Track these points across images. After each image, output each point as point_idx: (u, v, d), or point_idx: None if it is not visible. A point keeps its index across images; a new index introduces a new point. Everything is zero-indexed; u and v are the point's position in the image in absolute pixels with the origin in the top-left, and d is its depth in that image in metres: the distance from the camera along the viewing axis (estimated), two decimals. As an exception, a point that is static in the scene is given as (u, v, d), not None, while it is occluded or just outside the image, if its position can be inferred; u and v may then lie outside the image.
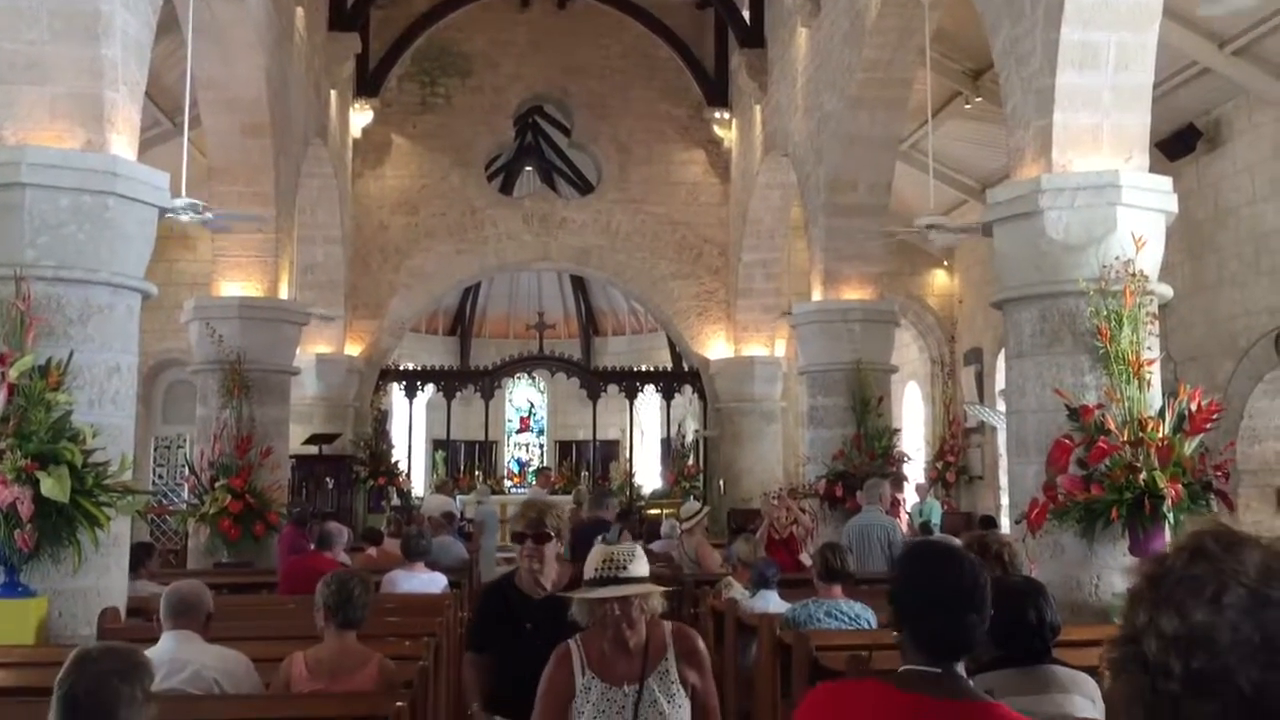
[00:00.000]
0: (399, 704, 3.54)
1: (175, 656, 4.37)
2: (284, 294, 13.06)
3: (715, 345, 19.63)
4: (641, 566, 3.62)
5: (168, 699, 3.91)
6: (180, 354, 15.30)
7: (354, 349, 18.66)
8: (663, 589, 3.70)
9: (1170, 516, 6.85)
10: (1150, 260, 7.34)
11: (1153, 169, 7.74)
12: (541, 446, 28.94)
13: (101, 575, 6.85)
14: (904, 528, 12.60)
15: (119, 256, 7.01)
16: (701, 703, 3.72)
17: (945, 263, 19.65)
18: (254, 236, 12.64)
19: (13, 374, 6.40)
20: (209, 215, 9.50)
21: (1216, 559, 1.41)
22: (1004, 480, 15.75)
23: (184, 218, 9.34)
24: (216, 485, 11.54)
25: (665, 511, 17.61)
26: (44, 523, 6.33)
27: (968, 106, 14.61)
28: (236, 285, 12.76)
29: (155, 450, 18.46)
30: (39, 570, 6.49)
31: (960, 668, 2.48)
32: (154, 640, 6.10)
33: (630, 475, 22.44)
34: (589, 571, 3.61)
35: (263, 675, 4.63)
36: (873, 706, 2.39)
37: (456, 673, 6.99)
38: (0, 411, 6.35)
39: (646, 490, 22.42)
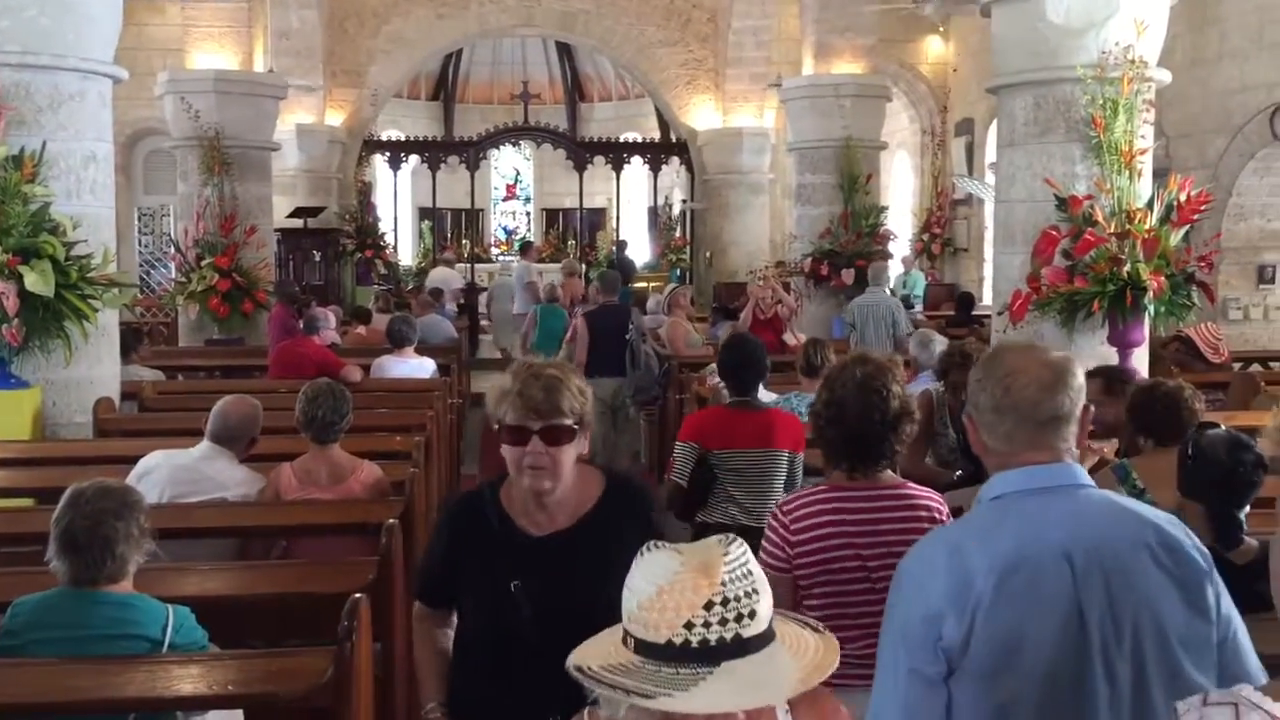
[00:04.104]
0: (391, 520, 3.63)
1: (203, 471, 4.46)
2: (259, 65, 12.68)
3: (703, 115, 19.21)
4: (766, 604, 1.63)
5: (166, 507, 4.04)
6: (156, 123, 14.94)
7: (335, 118, 18.23)
8: (826, 658, 1.69)
9: (1151, 309, 6.92)
10: (1150, 45, 7.15)
11: (1162, -63, 7.42)
12: (528, 214, 28.75)
13: (93, 365, 6.93)
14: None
15: (86, 40, 6.77)
16: None
17: (940, 28, 19.04)
18: (225, 5, 12.17)
19: (-14, 166, 6.27)
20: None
21: (850, 367, 3.13)
22: (988, 253, 15.81)
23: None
24: (203, 264, 11.54)
25: (652, 285, 17.70)
26: (31, 316, 6.34)
27: None
28: (210, 56, 12.36)
29: (139, 220, 18.31)
30: (30, 363, 6.56)
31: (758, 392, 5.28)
32: (148, 432, 6.27)
33: (617, 244, 22.38)
34: (648, 625, 1.59)
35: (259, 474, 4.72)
36: (723, 416, 5.17)
37: (448, 471, 7.18)
38: (-24, 205, 6.26)
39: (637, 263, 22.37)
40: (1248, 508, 3.16)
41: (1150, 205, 7.08)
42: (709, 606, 1.56)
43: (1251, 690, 1.43)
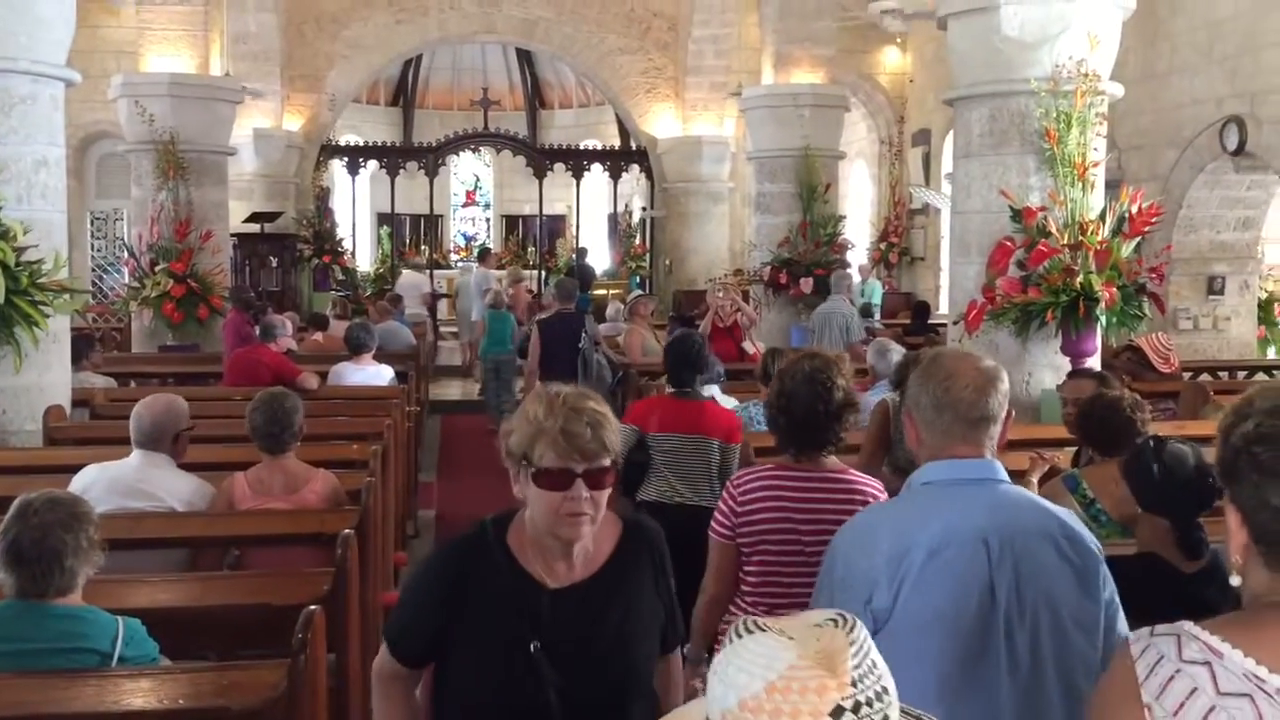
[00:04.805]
0: (347, 530, 3.59)
1: (141, 481, 4.37)
2: (216, 68, 12.56)
3: (663, 123, 19.26)
4: (896, 705, 1.29)
5: (115, 517, 3.98)
6: (110, 126, 14.76)
7: (293, 122, 18.10)
8: None
9: (1103, 319, 7.01)
10: (1103, 59, 7.25)
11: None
12: (487, 221, 28.67)
13: (43, 372, 6.81)
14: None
15: (37, 43, 6.68)
16: None
17: (899, 39, 19.20)
18: (181, 8, 12.05)
19: (-66, 170, 6.18)
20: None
21: (800, 363, 3.42)
22: (945, 263, 15.94)
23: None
24: (157, 269, 11.41)
25: (612, 292, 17.69)
26: (-21, 322, 6.24)
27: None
28: (166, 59, 12.23)
29: (91, 224, 18.10)
30: (-22, 369, 6.45)
31: (696, 387, 5.66)
32: (99, 440, 6.18)
33: (576, 251, 22.33)
34: None
35: (212, 483, 4.66)
36: (662, 404, 5.61)
37: (405, 480, 7.12)
38: (-76, 210, 6.17)
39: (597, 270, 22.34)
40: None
41: (1103, 217, 7.18)
42: (837, 713, 1.20)
43: (1191, 624, 1.49)
